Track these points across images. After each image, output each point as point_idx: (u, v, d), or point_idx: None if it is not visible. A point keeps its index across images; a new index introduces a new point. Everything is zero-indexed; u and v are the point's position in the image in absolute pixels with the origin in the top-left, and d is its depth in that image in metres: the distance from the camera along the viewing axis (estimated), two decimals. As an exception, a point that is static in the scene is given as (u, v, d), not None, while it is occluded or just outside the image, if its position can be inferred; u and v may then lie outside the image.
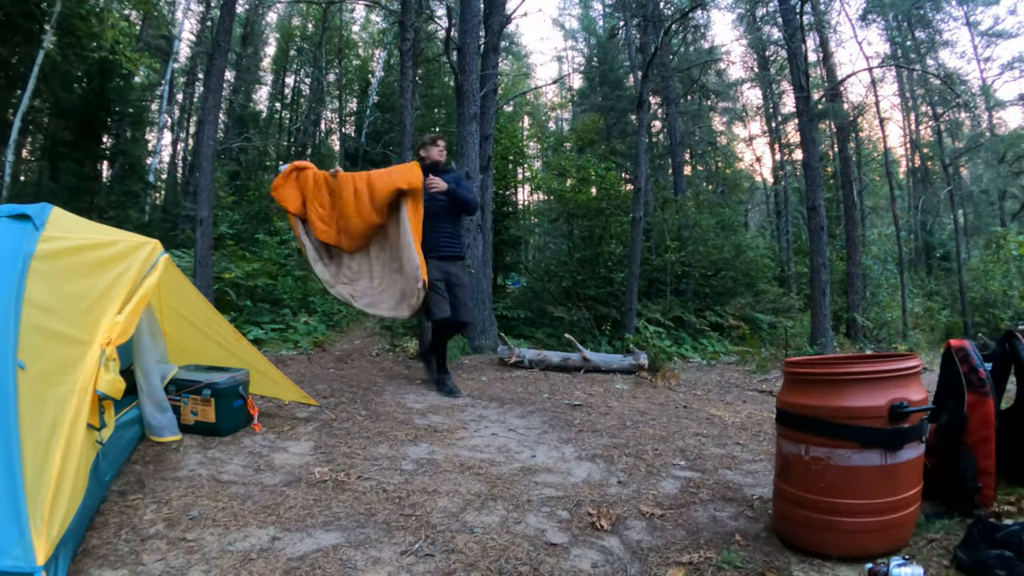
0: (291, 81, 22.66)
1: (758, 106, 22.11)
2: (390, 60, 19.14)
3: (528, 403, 4.61)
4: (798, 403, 2.08)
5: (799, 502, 2.04)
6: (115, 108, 12.12)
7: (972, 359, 2.32)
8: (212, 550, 2.02)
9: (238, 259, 9.00)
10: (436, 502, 2.51)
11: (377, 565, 1.97)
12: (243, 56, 18.96)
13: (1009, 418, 2.45)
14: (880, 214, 20.53)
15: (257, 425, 3.46)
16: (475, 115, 7.31)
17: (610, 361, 6.32)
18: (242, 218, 12.57)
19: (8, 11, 9.06)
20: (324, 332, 8.05)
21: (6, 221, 2.04)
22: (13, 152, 9.59)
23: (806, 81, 9.70)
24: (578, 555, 2.09)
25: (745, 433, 3.94)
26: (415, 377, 5.53)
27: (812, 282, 9.55)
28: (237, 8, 11.44)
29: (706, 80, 16.46)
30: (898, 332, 11.95)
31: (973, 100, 17.37)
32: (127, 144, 13.62)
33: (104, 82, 11.37)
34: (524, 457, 3.22)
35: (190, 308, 3.43)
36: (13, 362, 1.71)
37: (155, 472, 2.72)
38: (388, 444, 3.32)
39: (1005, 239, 13.98)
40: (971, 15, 18.23)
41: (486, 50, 8.21)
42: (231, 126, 17.40)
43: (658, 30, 12.49)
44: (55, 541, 1.63)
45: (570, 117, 26.20)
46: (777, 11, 11.49)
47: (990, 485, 2.26)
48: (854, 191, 12.77)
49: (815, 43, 12.65)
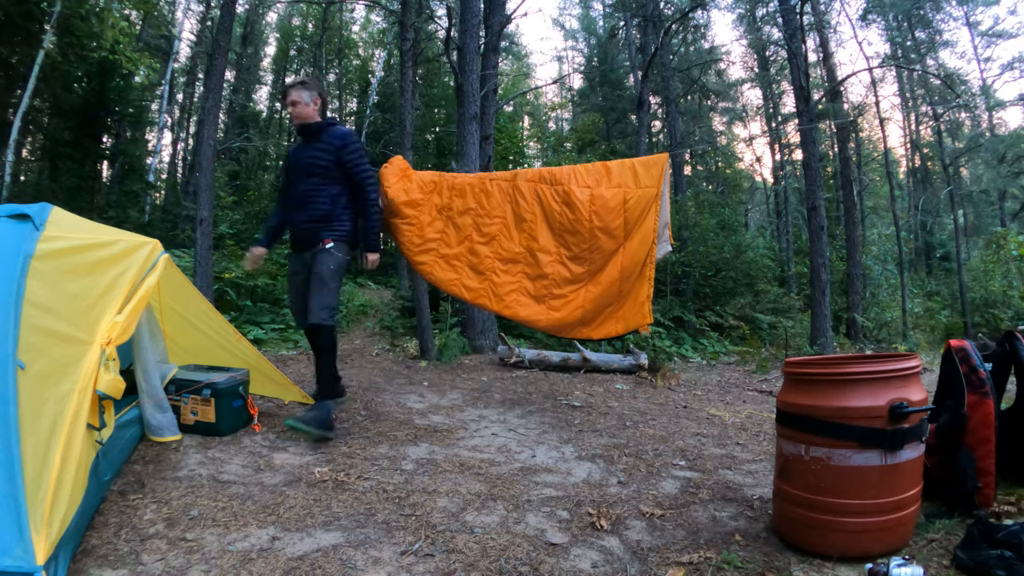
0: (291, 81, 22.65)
1: (758, 106, 22.13)
2: (390, 60, 19.14)
3: (528, 403, 4.61)
4: (798, 403, 2.08)
5: (799, 502, 2.04)
6: (115, 108, 12.12)
7: (972, 359, 2.32)
8: (212, 550, 2.02)
9: (238, 259, 9.00)
10: (436, 502, 2.51)
11: (377, 565, 1.97)
12: (243, 56, 18.96)
13: (1009, 418, 2.45)
14: (880, 214, 20.54)
15: (257, 425, 3.46)
16: (475, 115, 7.31)
17: (610, 361, 6.32)
18: (242, 218, 12.58)
19: (8, 11, 9.06)
20: (324, 332, 8.03)
21: (6, 221, 2.04)
22: (13, 152, 9.59)
23: (806, 81, 9.70)
24: (578, 555, 2.09)
25: (745, 433, 3.94)
26: (415, 377, 5.53)
27: (812, 282, 9.56)
28: (237, 8, 11.44)
29: (706, 80, 16.46)
30: (898, 332, 11.95)
31: (973, 100, 17.37)
32: (127, 144, 13.62)
33: (104, 82, 11.37)
34: (524, 457, 3.22)
35: (190, 308, 3.42)
36: (13, 362, 1.71)
37: (155, 472, 2.72)
38: (388, 444, 3.32)
39: (1005, 239, 13.98)
40: (971, 15, 18.24)
41: (486, 50, 8.21)
42: (231, 126, 17.40)
43: (658, 30, 12.49)
44: (55, 541, 1.63)
45: (570, 117, 26.22)
46: (777, 11, 11.49)
47: (990, 485, 2.26)
48: (854, 191, 12.78)
49: (815, 43, 12.64)
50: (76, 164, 11.50)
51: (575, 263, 3.51)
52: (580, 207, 3.44)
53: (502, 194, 3.57)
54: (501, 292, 3.55)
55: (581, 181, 3.48)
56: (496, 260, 3.57)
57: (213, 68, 7.34)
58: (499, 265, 3.56)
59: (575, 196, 3.45)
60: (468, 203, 3.62)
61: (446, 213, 3.62)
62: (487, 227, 3.61)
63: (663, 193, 3.39)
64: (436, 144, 18.13)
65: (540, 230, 3.53)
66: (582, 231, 3.45)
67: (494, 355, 6.86)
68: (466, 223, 3.60)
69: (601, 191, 3.40)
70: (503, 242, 3.57)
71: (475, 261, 3.60)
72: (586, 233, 3.45)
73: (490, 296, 3.58)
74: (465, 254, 3.59)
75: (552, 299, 3.52)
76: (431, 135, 18.50)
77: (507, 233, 3.57)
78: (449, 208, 3.63)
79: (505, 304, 3.52)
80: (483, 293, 3.60)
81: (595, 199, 3.42)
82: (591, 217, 3.43)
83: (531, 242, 3.54)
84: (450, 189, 3.63)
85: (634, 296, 3.38)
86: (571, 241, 3.50)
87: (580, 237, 3.47)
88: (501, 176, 3.71)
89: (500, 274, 3.57)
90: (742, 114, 22.80)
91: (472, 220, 3.61)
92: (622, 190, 3.38)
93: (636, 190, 3.34)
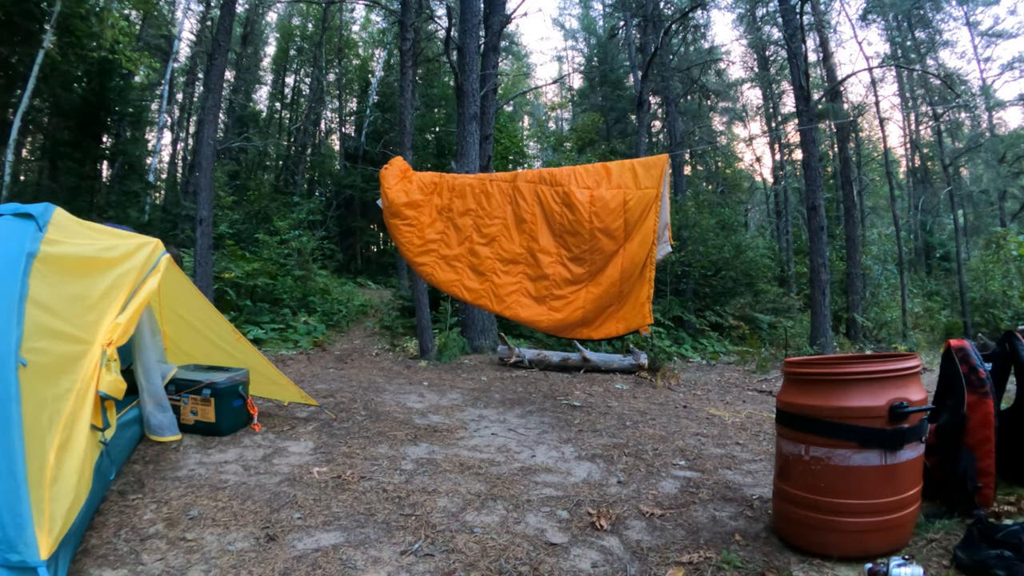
0: (291, 81, 22.67)
1: (758, 106, 22.11)
2: (390, 60, 19.14)
3: (528, 403, 4.61)
4: (798, 403, 2.08)
5: (799, 502, 2.04)
6: (115, 108, 12.10)
7: (972, 359, 2.32)
8: (212, 550, 2.02)
9: (238, 259, 9.00)
10: (436, 502, 2.51)
11: (377, 565, 1.98)
12: (243, 56, 18.95)
13: (1009, 418, 2.45)
14: (880, 214, 20.53)
15: (257, 425, 3.47)
16: (475, 115, 7.31)
17: (610, 361, 6.32)
18: (242, 218, 12.58)
19: (8, 11, 9.06)
20: (324, 332, 8.05)
21: (10, 219, 2.05)
22: (13, 152, 9.58)
23: (806, 81, 9.70)
24: (578, 555, 2.09)
25: (745, 433, 3.94)
26: (415, 377, 5.53)
27: (812, 282, 9.56)
28: (237, 8, 11.44)
29: (706, 80, 16.45)
30: (898, 332, 11.95)
31: (973, 100, 17.35)
32: (127, 144, 13.61)
33: (104, 82, 11.36)
34: (524, 457, 3.22)
35: (190, 308, 3.42)
36: (16, 360, 1.71)
37: (155, 472, 2.72)
38: (388, 444, 3.32)
39: (1005, 239, 13.97)
40: (971, 15, 18.23)
41: (486, 50, 8.21)
42: (231, 126, 17.39)
43: (658, 30, 12.49)
44: (59, 537, 1.64)
45: (570, 117, 26.20)
46: (777, 11, 11.49)
47: (990, 485, 2.26)
48: (854, 191, 12.77)
49: (815, 43, 12.64)
50: (76, 164, 11.49)
51: (575, 264, 3.52)
52: (580, 208, 3.45)
53: (502, 195, 3.58)
54: (502, 293, 3.56)
55: (581, 182, 3.49)
56: (497, 261, 3.58)
57: (213, 68, 7.34)
58: (500, 266, 3.57)
59: (575, 197, 3.46)
60: (468, 204, 3.62)
61: (446, 214, 3.63)
62: (487, 228, 3.61)
63: (663, 194, 3.40)
64: (436, 144, 18.14)
65: (540, 231, 3.53)
66: (582, 232, 3.46)
67: (494, 355, 6.86)
68: (466, 224, 3.61)
69: (601, 192, 3.41)
70: (503, 243, 3.58)
71: (476, 262, 3.61)
72: (586, 234, 3.45)
73: (491, 297, 3.59)
74: (466, 255, 3.60)
75: (553, 300, 3.52)
76: (431, 135, 18.51)
77: (507, 234, 3.58)
78: (449, 209, 3.63)
79: (506, 305, 3.53)
80: (484, 294, 3.61)
81: (595, 200, 3.42)
82: (591, 218, 3.44)
83: (531, 243, 3.55)
84: (450, 190, 3.62)
85: (634, 297, 3.39)
86: (571, 242, 3.51)
87: (580, 238, 3.48)
88: (501, 177, 3.71)
89: (501, 275, 3.58)
90: (742, 114, 22.79)
91: (472, 221, 3.61)
92: (622, 191, 3.39)
93: (636, 191, 3.35)
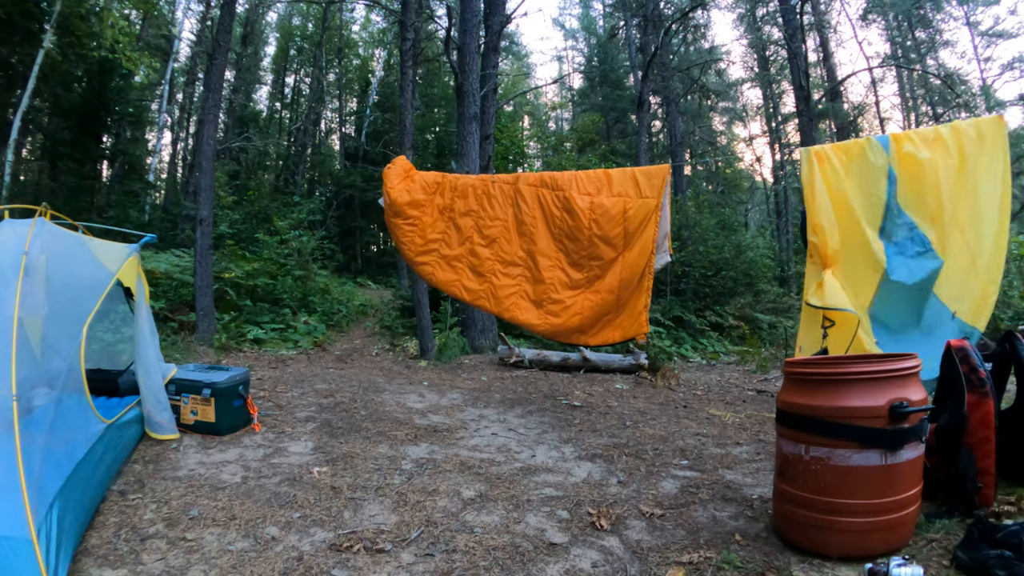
0: (291, 81, 22.68)
1: (758, 106, 22.12)
2: (390, 60, 19.15)
3: (528, 403, 4.61)
4: (798, 403, 2.08)
5: (799, 502, 2.04)
6: (115, 108, 12.11)
7: (972, 359, 2.32)
8: (212, 550, 2.02)
9: (238, 259, 9.00)
10: (436, 502, 2.51)
11: (377, 565, 1.97)
12: (243, 56, 18.94)
13: (1009, 418, 2.45)
14: (880, 214, 20.47)
15: (257, 425, 3.46)
16: (475, 115, 7.31)
17: (610, 361, 6.32)
18: (242, 218, 12.58)
19: (8, 10, 9.05)
20: (324, 332, 8.05)
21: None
22: (13, 152, 9.58)
23: (806, 81, 9.71)
24: (578, 555, 2.09)
25: (745, 433, 3.93)
26: (415, 377, 5.53)
27: (812, 282, 9.53)
28: (237, 8, 11.45)
29: (706, 80, 16.45)
30: (898, 332, 11.93)
31: (973, 100, 17.34)
32: (127, 144, 13.61)
33: (104, 82, 11.36)
34: (524, 457, 3.22)
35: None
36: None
37: (155, 472, 2.72)
38: (388, 444, 3.32)
39: (1005, 239, 13.95)
40: (971, 15, 18.22)
41: (486, 50, 8.21)
42: (231, 126, 17.39)
43: (658, 30, 12.49)
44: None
45: (570, 117, 26.20)
46: (777, 11, 11.50)
47: (990, 485, 2.26)
48: (854, 191, 12.73)
49: (815, 43, 12.66)
50: (76, 164, 11.50)
51: (574, 269, 3.53)
52: (580, 214, 3.46)
53: (504, 197, 3.59)
54: (501, 295, 3.57)
55: (582, 188, 3.49)
56: (497, 262, 3.59)
57: (213, 68, 7.34)
58: (499, 268, 3.58)
59: (576, 203, 3.47)
60: (470, 205, 3.62)
61: (448, 214, 3.63)
62: (488, 229, 3.62)
63: (663, 204, 3.40)
64: (436, 144, 18.15)
65: (540, 234, 3.54)
66: (581, 238, 3.47)
67: (494, 355, 6.86)
68: (467, 225, 3.61)
69: (602, 199, 3.42)
70: (504, 245, 3.59)
71: (476, 263, 3.61)
72: (585, 240, 3.46)
73: (490, 298, 3.61)
74: (466, 255, 3.60)
75: (550, 304, 3.53)
76: (431, 135, 18.51)
77: (508, 236, 3.58)
78: (451, 209, 3.63)
79: (504, 307, 3.54)
80: (483, 295, 3.62)
81: (595, 207, 3.43)
82: (591, 225, 3.45)
83: (531, 246, 3.56)
84: (452, 190, 3.63)
85: (632, 306, 3.40)
86: (570, 247, 3.52)
87: (579, 244, 3.49)
88: (503, 179, 3.71)
89: (500, 276, 3.59)
90: (742, 114, 22.79)
91: (474, 222, 3.62)
92: (622, 199, 3.40)
93: (637, 200, 3.36)
